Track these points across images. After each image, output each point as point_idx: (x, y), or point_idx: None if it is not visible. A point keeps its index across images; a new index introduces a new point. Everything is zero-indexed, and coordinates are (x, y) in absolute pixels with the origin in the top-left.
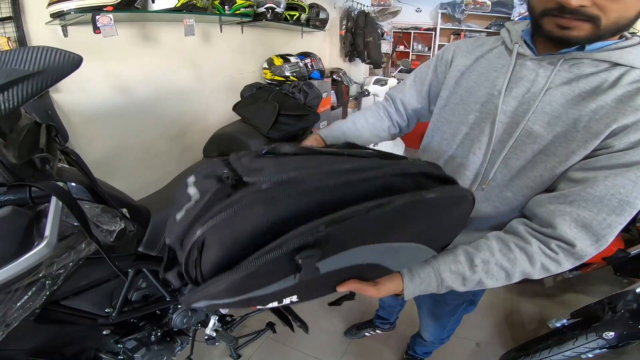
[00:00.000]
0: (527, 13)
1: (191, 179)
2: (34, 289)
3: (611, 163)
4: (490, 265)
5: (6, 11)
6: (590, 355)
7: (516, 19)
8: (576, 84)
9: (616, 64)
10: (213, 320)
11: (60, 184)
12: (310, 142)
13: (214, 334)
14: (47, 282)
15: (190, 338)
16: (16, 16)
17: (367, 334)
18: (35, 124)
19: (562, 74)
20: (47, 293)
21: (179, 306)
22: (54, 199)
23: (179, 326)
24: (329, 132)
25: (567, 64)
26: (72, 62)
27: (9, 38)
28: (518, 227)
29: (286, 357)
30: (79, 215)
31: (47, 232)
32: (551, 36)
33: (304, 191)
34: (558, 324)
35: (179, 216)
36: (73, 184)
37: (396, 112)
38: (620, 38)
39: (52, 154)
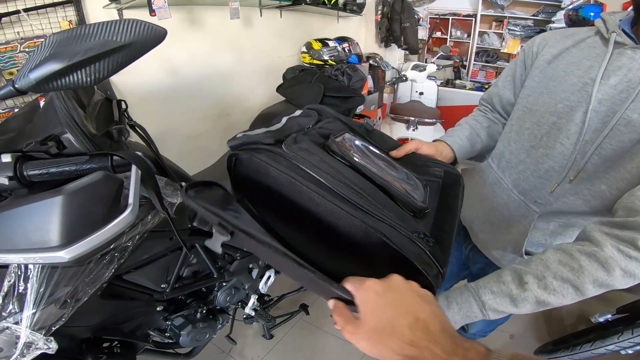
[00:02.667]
0: (580, 1)
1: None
2: (104, 261)
3: None
4: (548, 279)
5: None
6: (630, 352)
7: (570, 7)
8: None
9: None
10: (253, 299)
11: (139, 153)
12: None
13: (253, 313)
14: (116, 254)
15: (231, 317)
16: (76, 0)
17: None
18: (107, 99)
19: None
20: (115, 266)
21: (224, 284)
22: (134, 168)
23: (222, 304)
24: (454, 142)
25: None
26: (158, 35)
27: (70, 21)
28: (591, 230)
29: (317, 339)
30: (154, 186)
31: (130, 200)
32: None
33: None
34: (602, 319)
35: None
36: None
37: (500, 116)
38: None
39: (123, 125)
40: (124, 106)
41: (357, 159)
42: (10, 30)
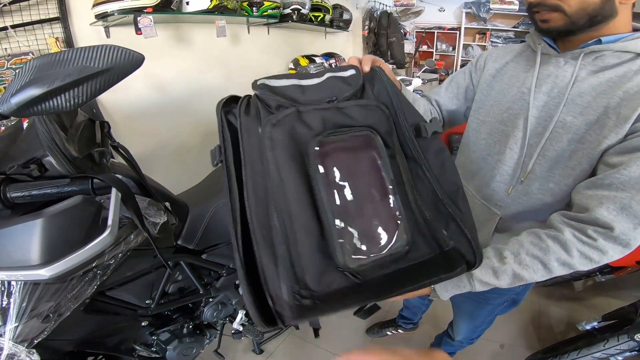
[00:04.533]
0: None
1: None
2: (86, 278)
3: None
4: (521, 255)
5: (54, 12)
6: (620, 358)
7: None
8: (602, 74)
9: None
10: (241, 315)
11: (119, 176)
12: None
13: (241, 328)
14: (99, 272)
15: (218, 332)
16: (63, 17)
17: (389, 332)
18: (90, 120)
19: (587, 67)
20: (98, 283)
21: (210, 300)
22: (114, 191)
23: (209, 319)
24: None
25: (589, 58)
26: (135, 61)
27: (57, 38)
28: (553, 219)
29: (307, 353)
30: (134, 207)
31: (109, 222)
32: (541, 30)
33: None
34: (588, 327)
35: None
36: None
37: (436, 112)
38: (636, 31)
39: (106, 148)
40: (106, 128)
41: (319, 180)
42: None
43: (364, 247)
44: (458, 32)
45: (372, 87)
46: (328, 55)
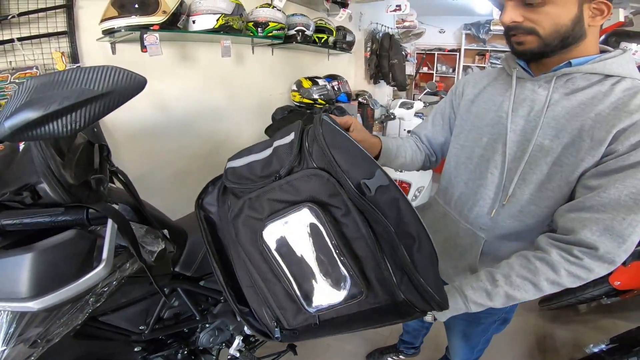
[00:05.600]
0: None
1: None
2: (78, 306)
3: (618, 166)
4: (512, 277)
5: (62, 26)
6: None
7: None
8: (574, 96)
9: (607, 76)
10: (237, 340)
11: (116, 206)
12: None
13: (237, 354)
14: (91, 299)
15: (214, 357)
16: (71, 31)
17: (390, 359)
18: (89, 143)
19: (560, 90)
20: (90, 310)
21: (207, 325)
22: (110, 222)
23: (204, 345)
24: (386, 141)
25: (561, 81)
26: (137, 84)
27: (62, 53)
28: (540, 241)
29: None
30: (131, 237)
31: (104, 255)
32: (516, 52)
33: None
34: (596, 349)
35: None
36: (119, 205)
37: (426, 148)
38: (603, 52)
39: (103, 174)
40: (105, 152)
41: (273, 253)
42: (2, 59)
43: (320, 299)
44: (458, 53)
45: (310, 152)
46: (331, 77)
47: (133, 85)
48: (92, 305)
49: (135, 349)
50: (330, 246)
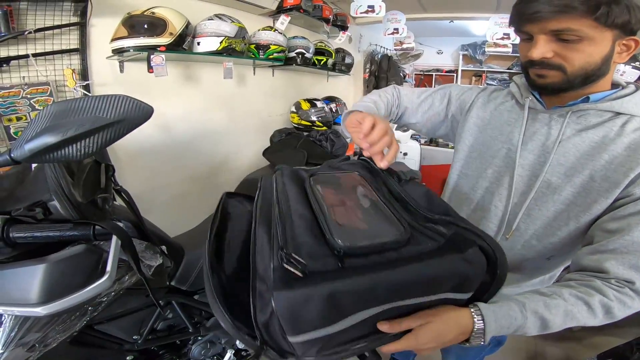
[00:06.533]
0: None
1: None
2: (77, 313)
3: (637, 209)
4: (564, 295)
5: (74, 43)
6: None
7: None
8: (585, 134)
9: (618, 113)
10: (229, 354)
11: (120, 224)
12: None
13: None
14: (90, 308)
15: None
16: (83, 48)
17: None
18: (96, 162)
19: (572, 126)
20: (88, 318)
21: (199, 338)
22: (114, 238)
23: (196, 357)
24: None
25: (575, 116)
26: (145, 113)
27: (73, 70)
28: (572, 277)
29: None
30: (132, 252)
31: (108, 268)
32: (534, 84)
33: None
34: None
35: None
36: (122, 222)
37: (397, 109)
38: (616, 87)
39: (109, 193)
40: (111, 171)
41: (314, 190)
42: (16, 74)
43: (353, 233)
44: (455, 74)
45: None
46: (329, 100)
47: (141, 114)
48: (90, 314)
49: (128, 358)
50: (373, 190)
